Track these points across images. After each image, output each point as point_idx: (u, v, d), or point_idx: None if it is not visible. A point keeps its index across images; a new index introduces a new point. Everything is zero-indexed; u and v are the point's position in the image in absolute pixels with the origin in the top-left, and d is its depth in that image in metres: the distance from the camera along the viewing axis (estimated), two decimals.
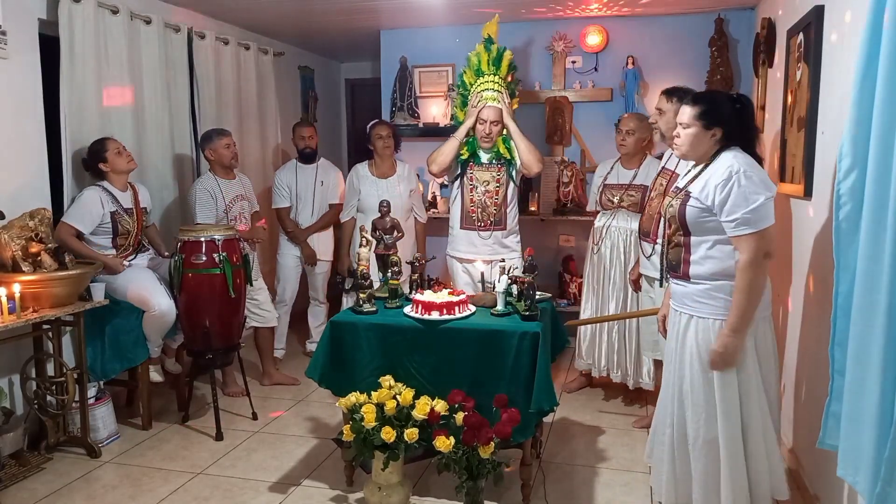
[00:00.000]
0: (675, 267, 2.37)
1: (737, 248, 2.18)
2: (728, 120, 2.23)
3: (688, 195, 2.29)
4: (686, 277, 2.32)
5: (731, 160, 2.20)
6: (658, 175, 3.30)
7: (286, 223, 4.48)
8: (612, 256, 3.76)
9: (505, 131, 3.57)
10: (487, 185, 3.54)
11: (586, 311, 3.91)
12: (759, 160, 2.27)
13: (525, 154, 3.44)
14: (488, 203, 3.54)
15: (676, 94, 3.09)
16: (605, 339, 3.82)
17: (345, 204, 4.46)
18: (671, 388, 2.42)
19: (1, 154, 3.16)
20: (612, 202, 3.73)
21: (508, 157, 3.53)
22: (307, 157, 4.52)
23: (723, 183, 2.16)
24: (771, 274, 2.46)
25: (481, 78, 3.59)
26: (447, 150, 3.60)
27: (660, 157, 3.66)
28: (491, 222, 3.54)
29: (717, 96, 2.34)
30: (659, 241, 2.98)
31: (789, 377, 3.04)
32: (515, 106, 3.76)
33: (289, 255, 4.49)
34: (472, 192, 3.59)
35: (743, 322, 2.19)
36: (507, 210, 3.61)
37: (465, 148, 3.59)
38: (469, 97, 3.69)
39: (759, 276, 2.18)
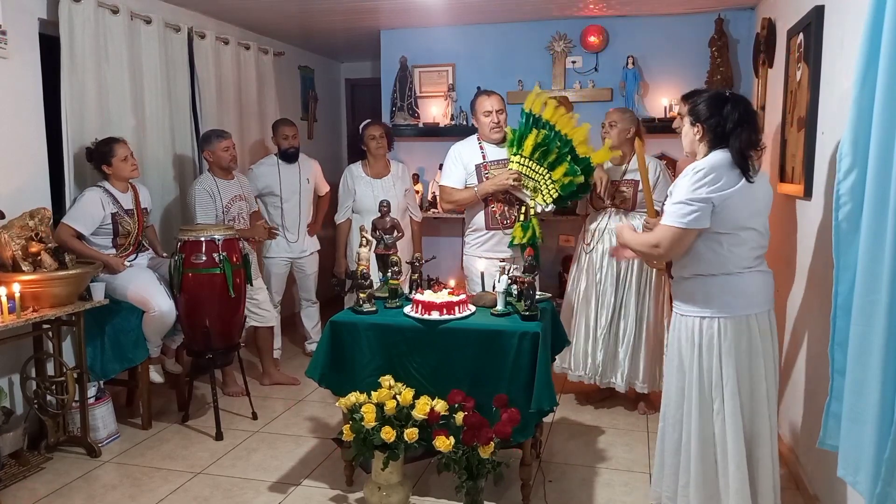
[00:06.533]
0: (668, 265, 2.46)
1: None
2: (707, 119, 2.26)
3: None
4: (671, 276, 2.43)
5: (704, 160, 2.24)
6: None
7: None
8: (604, 262, 3.63)
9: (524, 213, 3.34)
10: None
11: (565, 312, 3.79)
12: (744, 161, 2.22)
13: None
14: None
15: (691, 98, 3.03)
16: (591, 343, 3.67)
17: (340, 205, 4.45)
18: (666, 385, 2.47)
19: (1, 154, 3.16)
20: (604, 200, 3.63)
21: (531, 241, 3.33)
22: (291, 156, 4.39)
23: (680, 176, 2.30)
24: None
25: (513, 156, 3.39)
26: (463, 198, 3.48)
27: (660, 157, 3.62)
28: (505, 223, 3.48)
29: (706, 95, 2.34)
30: None
31: (789, 377, 3.04)
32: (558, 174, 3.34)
33: (277, 258, 4.41)
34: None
35: (628, 244, 2.49)
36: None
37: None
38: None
39: (647, 256, 2.51)
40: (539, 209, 3.38)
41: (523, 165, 3.34)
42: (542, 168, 3.33)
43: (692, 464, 2.32)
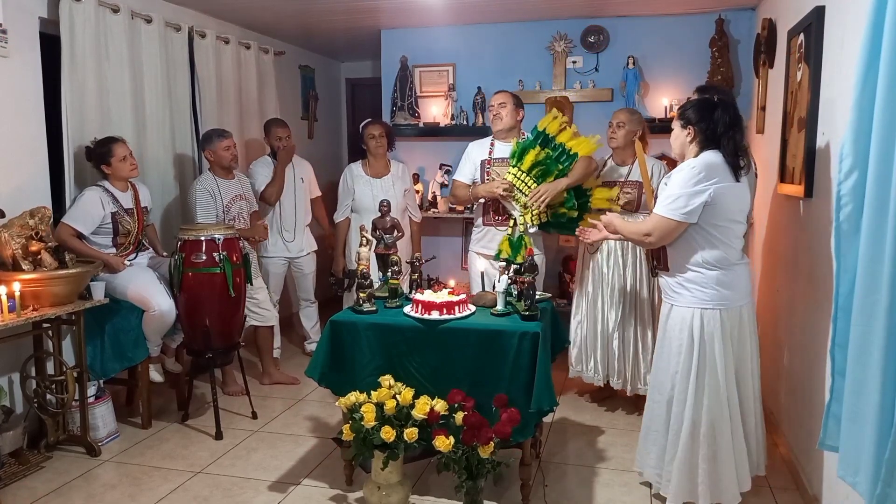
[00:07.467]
0: (660, 259, 2.58)
1: None
2: (698, 122, 2.41)
3: None
4: (666, 269, 2.55)
5: (698, 158, 2.39)
6: None
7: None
8: (610, 262, 3.63)
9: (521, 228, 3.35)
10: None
11: (577, 316, 3.75)
12: (736, 160, 2.39)
13: None
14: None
15: (706, 92, 2.96)
16: (600, 345, 3.66)
17: (339, 204, 4.45)
18: (659, 373, 2.61)
19: (1, 153, 3.15)
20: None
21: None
22: None
23: (675, 170, 2.46)
24: (771, 274, 2.50)
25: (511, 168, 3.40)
26: (460, 195, 3.62)
27: (661, 158, 3.61)
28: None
29: (695, 101, 2.51)
30: None
31: (789, 378, 3.04)
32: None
33: (275, 257, 4.39)
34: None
35: (619, 231, 2.68)
36: None
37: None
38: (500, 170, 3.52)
39: (637, 243, 2.74)
40: (523, 227, 3.37)
41: (519, 179, 3.35)
42: (538, 187, 3.32)
43: (680, 443, 2.48)
